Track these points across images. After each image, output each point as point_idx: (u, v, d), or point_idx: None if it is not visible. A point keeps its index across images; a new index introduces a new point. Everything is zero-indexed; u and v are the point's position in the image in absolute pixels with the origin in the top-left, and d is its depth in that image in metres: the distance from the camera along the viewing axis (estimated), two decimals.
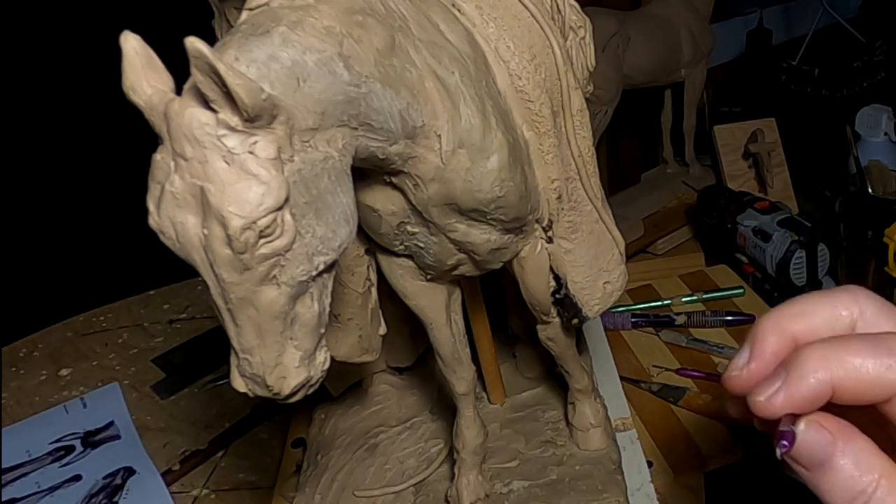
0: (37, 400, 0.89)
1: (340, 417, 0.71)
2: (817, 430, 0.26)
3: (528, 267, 0.50)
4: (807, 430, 0.26)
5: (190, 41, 0.26)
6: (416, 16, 0.39)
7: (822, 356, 0.26)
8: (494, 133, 0.40)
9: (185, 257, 0.30)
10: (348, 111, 0.33)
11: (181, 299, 1.05)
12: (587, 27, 0.52)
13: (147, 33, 0.30)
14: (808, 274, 0.90)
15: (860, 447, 0.26)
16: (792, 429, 0.26)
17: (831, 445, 0.26)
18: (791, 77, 1.26)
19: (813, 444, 0.26)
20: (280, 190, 0.28)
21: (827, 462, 0.26)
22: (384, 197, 0.42)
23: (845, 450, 0.26)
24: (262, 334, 0.31)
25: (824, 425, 0.26)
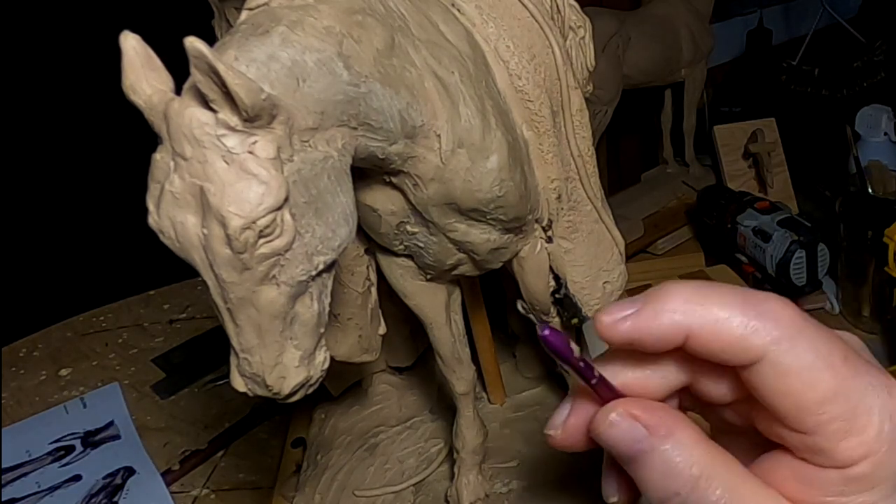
0: (37, 400, 0.89)
1: (340, 417, 0.71)
2: (630, 422, 0.24)
3: (528, 267, 0.50)
4: (619, 422, 0.24)
5: (189, 41, 0.26)
6: (416, 15, 0.39)
7: (687, 298, 0.23)
8: (494, 133, 0.40)
9: (184, 257, 0.30)
10: (348, 111, 0.33)
11: (181, 299, 1.05)
12: (587, 27, 0.52)
13: (147, 33, 0.30)
14: (808, 274, 0.90)
15: (678, 441, 0.23)
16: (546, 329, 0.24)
17: (644, 441, 0.23)
18: (791, 77, 1.26)
19: (624, 437, 0.24)
20: (280, 190, 0.28)
21: (641, 457, 0.23)
22: (384, 197, 0.42)
23: (660, 445, 0.23)
24: (262, 334, 0.31)
25: (639, 417, 0.24)
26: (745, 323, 0.22)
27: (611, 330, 0.24)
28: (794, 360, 0.22)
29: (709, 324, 0.23)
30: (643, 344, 0.24)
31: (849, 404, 0.22)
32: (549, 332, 0.24)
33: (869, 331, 0.95)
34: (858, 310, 0.96)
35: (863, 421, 0.22)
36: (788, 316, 0.23)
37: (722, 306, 0.23)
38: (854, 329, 0.96)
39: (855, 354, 0.23)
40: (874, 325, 0.95)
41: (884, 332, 0.94)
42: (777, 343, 0.22)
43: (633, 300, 0.24)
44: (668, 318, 0.23)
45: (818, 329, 0.23)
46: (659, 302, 0.23)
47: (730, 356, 0.23)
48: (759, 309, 0.23)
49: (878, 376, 0.23)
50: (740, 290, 0.23)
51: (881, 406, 0.22)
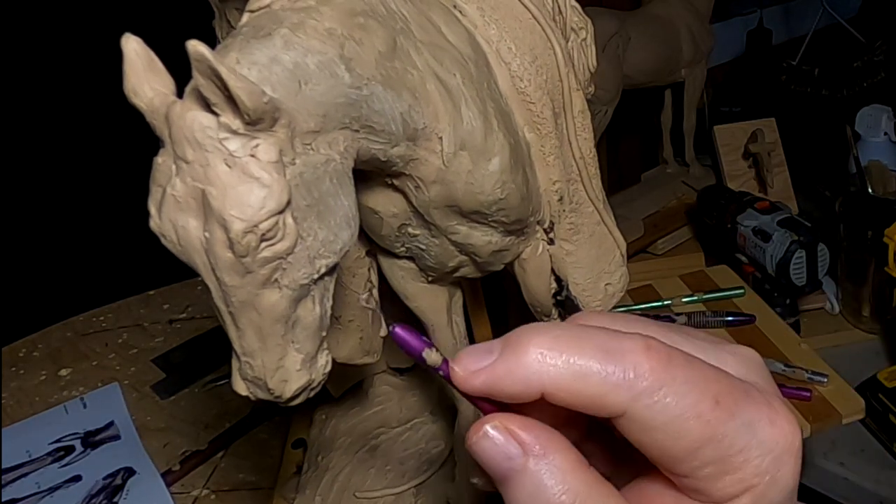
0: (37, 400, 0.89)
1: (341, 418, 0.71)
2: (505, 437, 0.22)
3: (530, 268, 0.50)
4: (494, 436, 0.22)
5: (191, 44, 0.26)
6: (418, 17, 0.39)
7: (543, 351, 0.21)
8: (496, 135, 0.40)
9: (186, 260, 0.30)
10: (350, 113, 0.33)
11: (181, 299, 1.05)
12: (588, 28, 0.52)
13: (148, 35, 0.30)
14: (808, 274, 0.90)
15: (552, 464, 0.22)
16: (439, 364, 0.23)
17: (518, 459, 0.22)
18: (791, 77, 1.26)
19: (497, 453, 0.22)
20: (282, 193, 0.28)
21: (511, 476, 0.22)
22: (385, 199, 0.42)
23: (533, 466, 0.22)
24: (264, 337, 0.31)
25: (515, 433, 0.22)
26: (603, 380, 0.21)
27: (465, 383, 0.23)
28: (657, 415, 0.21)
29: (565, 381, 0.21)
30: (499, 398, 0.22)
31: (720, 449, 0.21)
32: (399, 329, 0.23)
33: (869, 331, 0.96)
34: (858, 310, 0.97)
35: (738, 460, 0.21)
36: (650, 368, 0.21)
37: (580, 360, 0.21)
38: (854, 329, 0.96)
39: (733, 391, 0.22)
40: (874, 325, 0.96)
41: (884, 332, 0.95)
42: (637, 399, 0.21)
43: (490, 346, 0.22)
44: (522, 374, 0.22)
45: (689, 371, 0.21)
46: (514, 354, 0.22)
47: (590, 412, 0.22)
48: (620, 362, 0.21)
49: (758, 409, 0.22)
50: (603, 339, 0.22)
51: (759, 442, 0.22)
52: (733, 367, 0.24)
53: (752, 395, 0.22)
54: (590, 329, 0.22)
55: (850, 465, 0.81)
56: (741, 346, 0.25)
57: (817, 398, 0.71)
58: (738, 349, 0.25)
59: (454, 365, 0.23)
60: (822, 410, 0.69)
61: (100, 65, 0.57)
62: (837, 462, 0.82)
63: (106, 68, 0.39)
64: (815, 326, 0.97)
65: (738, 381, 0.23)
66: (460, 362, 0.23)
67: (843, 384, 0.72)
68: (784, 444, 0.22)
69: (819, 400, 0.70)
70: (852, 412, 0.70)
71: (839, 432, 0.82)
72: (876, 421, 0.82)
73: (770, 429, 0.22)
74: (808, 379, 0.72)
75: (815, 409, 0.69)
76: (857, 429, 0.83)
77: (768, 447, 0.22)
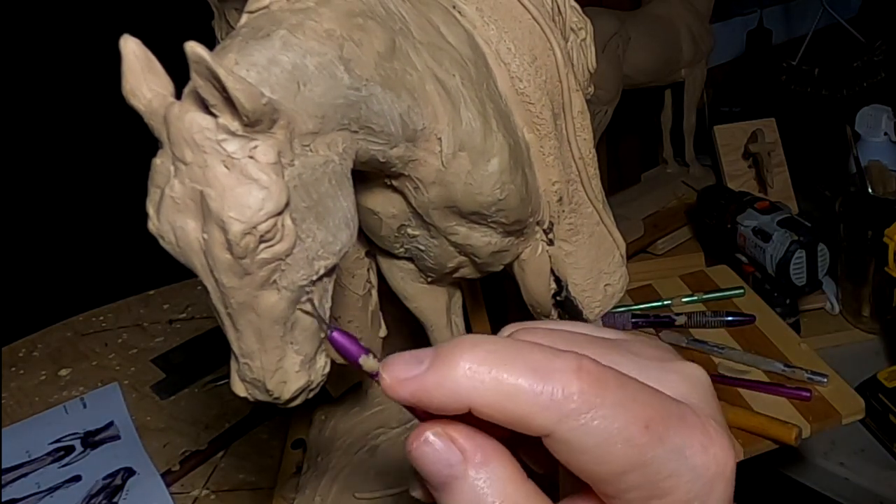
0: (36, 400, 0.89)
1: (341, 419, 0.71)
2: (447, 444, 0.22)
3: (529, 269, 0.50)
4: (433, 443, 0.22)
5: (190, 46, 0.26)
6: (417, 18, 0.39)
7: (473, 365, 0.21)
8: (495, 136, 0.40)
9: (185, 262, 0.30)
10: (349, 115, 0.33)
11: (181, 299, 1.05)
12: (588, 29, 0.52)
13: (147, 36, 0.30)
14: (808, 274, 0.90)
15: (492, 473, 0.22)
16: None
17: (458, 466, 0.22)
18: (791, 77, 1.26)
19: (437, 460, 0.22)
20: (280, 194, 0.28)
21: (450, 483, 0.22)
22: (384, 200, 0.42)
23: (473, 474, 0.22)
24: (263, 339, 0.31)
25: (457, 440, 0.22)
26: (531, 399, 0.21)
27: (392, 391, 0.22)
28: (583, 438, 0.21)
29: (492, 398, 0.21)
30: (427, 409, 0.22)
31: (647, 474, 0.21)
32: (337, 334, 0.23)
33: (869, 331, 0.96)
34: (858, 310, 0.97)
35: (667, 485, 0.21)
36: (580, 389, 0.21)
37: (510, 377, 0.21)
38: (854, 329, 0.96)
39: (666, 414, 0.22)
40: (874, 325, 0.96)
41: (884, 332, 0.95)
42: (563, 421, 0.21)
43: (420, 355, 0.22)
44: (449, 388, 0.21)
45: (620, 393, 0.21)
46: (443, 367, 0.21)
47: (517, 429, 0.21)
48: (549, 381, 0.21)
49: (691, 433, 0.22)
50: (535, 357, 0.21)
51: (689, 468, 0.21)
52: (675, 386, 0.23)
53: (687, 418, 0.22)
54: (524, 345, 0.22)
55: (850, 465, 0.81)
56: (688, 365, 0.25)
57: (817, 398, 0.71)
58: (684, 367, 0.24)
59: (382, 372, 0.22)
60: (822, 410, 0.69)
61: (99, 65, 0.57)
62: (837, 462, 0.82)
63: (105, 69, 0.39)
64: (815, 326, 0.97)
65: (674, 404, 0.22)
66: (389, 369, 0.22)
67: (842, 384, 0.72)
68: (716, 469, 0.22)
69: (819, 400, 0.70)
70: (852, 412, 0.70)
71: (839, 432, 0.82)
72: (876, 421, 0.82)
73: (702, 455, 0.22)
74: (808, 379, 0.72)
75: (815, 409, 0.69)
76: (857, 429, 0.83)
77: (699, 473, 0.21)
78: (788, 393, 0.71)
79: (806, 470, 0.84)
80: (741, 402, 0.72)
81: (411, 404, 0.22)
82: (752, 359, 0.77)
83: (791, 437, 0.65)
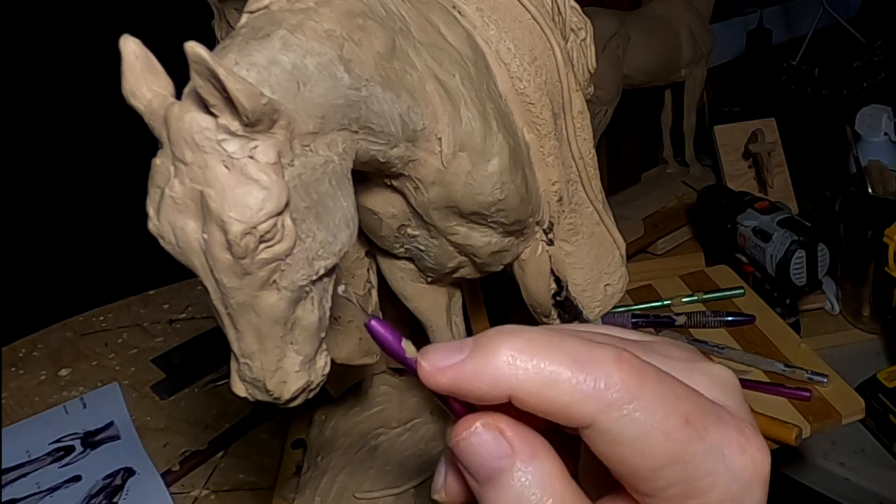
0: (36, 400, 0.89)
1: (341, 419, 0.71)
2: (496, 435, 0.22)
3: (529, 269, 0.50)
4: (482, 434, 0.22)
5: (190, 46, 0.26)
6: (417, 18, 0.39)
7: (514, 354, 0.21)
8: (495, 136, 0.40)
9: (184, 262, 0.30)
10: (349, 115, 0.33)
11: (181, 299, 1.05)
12: (588, 29, 0.52)
13: (147, 36, 0.30)
14: (808, 274, 0.90)
15: (540, 468, 0.22)
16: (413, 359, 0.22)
17: (507, 459, 0.22)
18: (791, 77, 1.26)
19: (486, 452, 0.22)
20: (280, 195, 0.28)
21: (497, 477, 0.22)
22: (384, 200, 0.42)
23: (521, 467, 0.21)
24: (263, 339, 0.31)
25: (506, 433, 0.22)
26: (573, 388, 0.20)
27: (431, 378, 0.22)
28: (625, 429, 0.20)
29: (534, 386, 0.21)
30: (465, 398, 0.22)
31: (686, 471, 0.21)
32: (374, 322, 0.23)
33: (869, 331, 0.96)
34: (858, 310, 0.97)
35: (704, 484, 0.21)
36: (621, 379, 0.21)
37: (550, 365, 0.21)
38: (854, 329, 0.96)
39: (704, 412, 0.21)
40: (874, 325, 0.96)
41: (884, 332, 0.94)
42: (605, 410, 0.20)
43: (461, 345, 0.22)
44: (490, 375, 0.21)
45: (660, 387, 0.21)
46: (484, 355, 0.21)
47: (558, 419, 0.21)
48: (591, 371, 0.21)
49: (728, 434, 0.21)
50: (575, 345, 0.21)
51: (727, 468, 0.21)
52: (708, 388, 0.23)
53: (724, 418, 0.22)
54: (563, 335, 0.22)
55: (850, 465, 0.81)
56: (717, 367, 0.24)
57: (817, 398, 0.71)
58: (713, 369, 0.24)
59: (421, 359, 0.22)
60: (822, 410, 0.69)
61: (99, 66, 0.57)
62: (837, 462, 0.82)
63: (105, 69, 0.39)
64: (815, 326, 0.97)
65: (710, 403, 0.22)
66: (427, 357, 0.22)
67: (843, 384, 0.72)
68: (753, 472, 0.22)
69: (819, 400, 0.70)
70: (852, 412, 0.70)
71: (839, 432, 0.82)
72: (876, 421, 0.82)
73: (740, 456, 0.21)
74: (808, 379, 0.72)
75: (815, 409, 0.69)
76: (857, 429, 0.83)
77: (736, 474, 0.21)
78: (788, 393, 0.71)
79: (806, 470, 0.84)
80: None
81: (450, 392, 0.22)
82: (752, 359, 0.77)
83: (791, 437, 0.65)
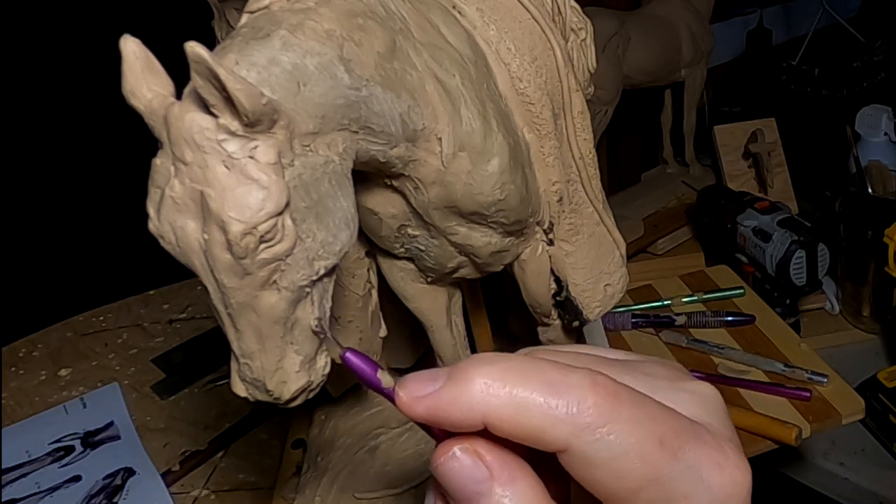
0: (36, 400, 0.89)
1: (341, 419, 0.71)
2: (473, 459, 0.22)
3: (529, 269, 0.50)
4: (460, 458, 0.22)
5: (190, 46, 0.26)
6: (417, 18, 0.39)
7: (489, 381, 0.21)
8: (495, 136, 0.40)
9: (185, 262, 0.30)
10: (349, 115, 0.33)
11: (181, 299, 1.05)
12: (588, 29, 0.52)
13: (147, 36, 0.30)
14: (808, 274, 0.90)
15: (519, 492, 0.22)
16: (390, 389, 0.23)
17: (485, 483, 0.22)
18: (791, 77, 1.26)
19: (464, 476, 0.22)
20: (280, 195, 0.28)
21: (476, 501, 0.22)
22: (384, 200, 0.42)
23: (500, 491, 0.22)
24: (263, 339, 0.31)
25: (483, 457, 0.22)
26: (545, 413, 0.21)
27: (408, 408, 0.22)
28: (599, 452, 0.21)
29: (507, 412, 0.21)
30: (442, 426, 0.22)
31: (663, 491, 0.21)
32: (350, 354, 0.24)
33: (869, 331, 0.96)
34: (858, 310, 0.97)
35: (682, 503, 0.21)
36: (594, 403, 0.21)
37: (524, 392, 0.21)
38: (854, 329, 0.96)
39: (680, 432, 0.22)
40: (874, 325, 0.96)
41: (884, 332, 0.95)
42: (579, 435, 0.21)
43: (437, 374, 0.22)
44: (465, 403, 0.21)
45: (635, 410, 0.21)
46: (458, 384, 0.21)
47: (533, 445, 0.21)
48: (564, 396, 0.21)
49: (706, 452, 0.22)
50: (549, 372, 0.21)
51: (705, 487, 0.21)
52: (690, 406, 0.23)
53: (703, 437, 0.22)
54: (538, 361, 0.22)
55: (850, 465, 0.81)
56: (701, 384, 0.24)
57: (817, 398, 0.71)
58: (697, 387, 0.24)
59: (398, 390, 0.23)
60: (822, 410, 0.69)
61: (99, 66, 0.57)
62: (837, 462, 0.82)
63: (105, 69, 0.39)
64: (815, 326, 0.97)
65: (688, 422, 0.22)
66: (405, 387, 0.22)
67: (842, 384, 0.72)
68: (732, 490, 0.22)
69: (819, 400, 0.70)
70: (852, 412, 0.70)
71: (839, 432, 0.82)
72: (876, 421, 0.82)
73: (718, 474, 0.21)
74: (808, 379, 0.72)
75: (815, 409, 0.69)
76: (857, 429, 0.83)
77: (715, 493, 0.21)
78: (788, 393, 0.71)
79: (806, 470, 0.84)
80: (741, 402, 0.72)
81: (427, 421, 0.22)
82: (752, 359, 0.77)
83: (791, 437, 0.65)
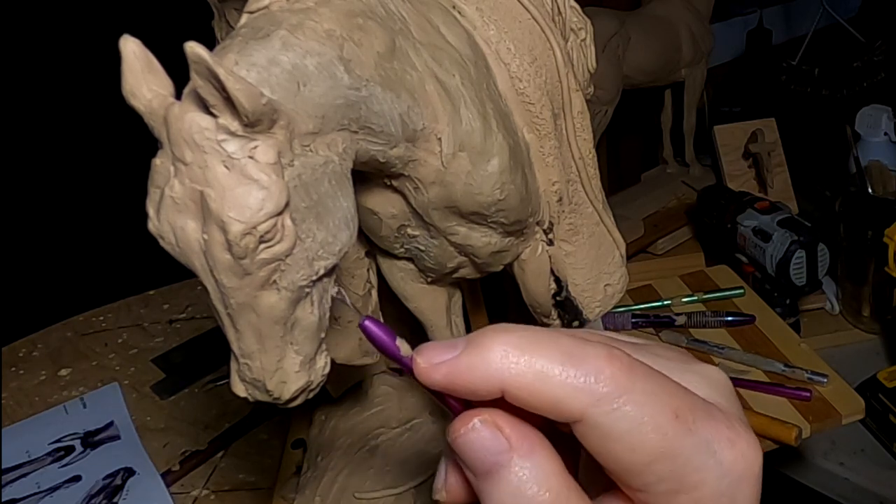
0: (36, 400, 0.89)
1: (341, 419, 0.71)
2: (493, 431, 0.22)
3: (529, 269, 0.50)
4: (480, 430, 0.22)
5: (190, 46, 0.26)
6: (417, 18, 0.39)
7: (507, 349, 0.21)
8: (495, 136, 0.40)
9: (184, 262, 0.30)
10: (349, 115, 0.33)
11: (181, 299, 1.05)
12: (588, 29, 0.52)
13: (147, 36, 0.30)
14: (808, 274, 0.90)
15: (537, 463, 0.22)
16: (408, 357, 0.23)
17: (504, 454, 0.22)
18: (791, 77, 1.26)
19: (483, 447, 0.22)
20: (280, 195, 0.28)
21: (495, 472, 0.22)
22: (384, 200, 0.42)
23: (519, 462, 0.22)
24: (263, 339, 0.31)
25: (503, 428, 0.22)
26: (563, 382, 0.21)
27: (425, 375, 0.22)
28: (615, 423, 0.21)
29: (526, 381, 0.21)
30: (459, 394, 0.22)
31: (676, 464, 0.21)
32: (368, 322, 0.23)
33: (869, 331, 0.96)
34: (858, 310, 0.97)
35: (695, 479, 0.21)
36: (611, 374, 0.21)
37: (542, 361, 0.21)
38: (854, 329, 0.96)
39: (693, 407, 0.22)
40: (874, 325, 0.96)
41: (884, 332, 0.95)
42: (596, 405, 0.21)
43: (455, 342, 0.22)
44: (483, 370, 0.21)
45: (650, 383, 0.21)
46: (477, 351, 0.22)
47: (549, 414, 0.22)
48: (582, 366, 0.21)
49: (718, 429, 0.22)
50: (567, 342, 0.22)
51: (717, 463, 0.21)
52: (699, 387, 0.23)
53: (714, 414, 0.22)
54: (556, 332, 0.22)
55: (850, 465, 0.81)
56: (708, 367, 0.25)
57: (817, 398, 0.71)
58: (704, 369, 0.24)
59: (416, 356, 0.23)
60: (822, 410, 0.69)
61: (99, 66, 0.57)
62: (837, 462, 0.82)
63: (105, 69, 0.39)
64: (815, 326, 0.97)
65: (700, 399, 0.22)
66: (423, 354, 0.23)
67: (842, 384, 0.72)
68: (744, 468, 0.22)
69: (819, 400, 0.70)
70: (852, 412, 0.70)
71: (839, 432, 0.82)
72: (876, 421, 0.82)
73: (729, 450, 0.22)
74: (808, 379, 0.72)
75: (815, 409, 0.69)
76: (857, 429, 0.83)
77: (726, 469, 0.21)
78: (788, 393, 0.71)
79: (806, 470, 0.84)
80: (741, 402, 0.72)
81: (445, 388, 0.22)
82: (752, 359, 0.77)
83: (791, 437, 0.65)
